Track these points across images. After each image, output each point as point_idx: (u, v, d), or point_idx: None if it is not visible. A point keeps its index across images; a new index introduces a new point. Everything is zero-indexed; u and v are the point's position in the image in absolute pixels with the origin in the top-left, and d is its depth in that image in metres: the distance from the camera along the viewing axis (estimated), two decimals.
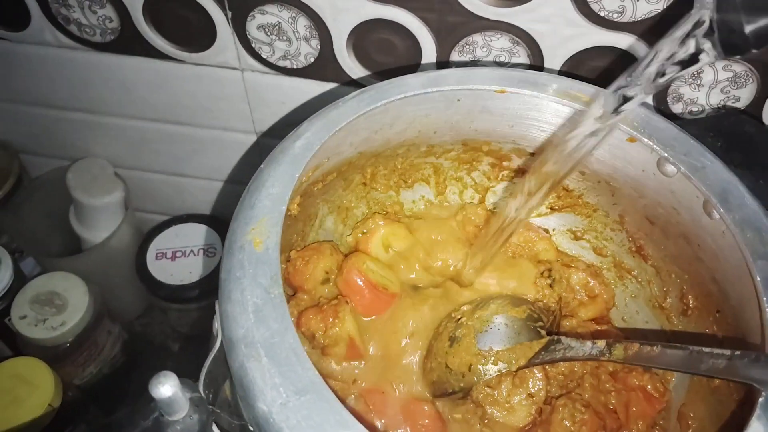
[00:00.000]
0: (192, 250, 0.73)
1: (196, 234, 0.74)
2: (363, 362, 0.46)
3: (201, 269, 0.71)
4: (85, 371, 0.68)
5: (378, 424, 0.42)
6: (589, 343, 0.41)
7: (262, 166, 0.38)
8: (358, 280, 0.47)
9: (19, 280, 0.65)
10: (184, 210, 0.75)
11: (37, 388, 0.57)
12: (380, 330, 0.48)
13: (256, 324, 0.30)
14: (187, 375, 0.32)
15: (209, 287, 0.70)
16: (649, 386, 0.47)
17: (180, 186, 0.74)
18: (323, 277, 0.48)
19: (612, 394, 0.47)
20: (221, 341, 0.31)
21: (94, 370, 0.69)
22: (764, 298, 0.34)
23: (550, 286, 0.51)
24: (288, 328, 0.30)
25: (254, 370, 0.29)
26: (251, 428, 0.29)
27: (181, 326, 0.75)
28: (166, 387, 0.26)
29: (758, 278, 0.34)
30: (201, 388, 0.30)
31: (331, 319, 0.44)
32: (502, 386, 0.44)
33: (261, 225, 0.34)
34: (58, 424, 0.57)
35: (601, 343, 0.40)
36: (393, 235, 0.52)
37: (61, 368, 0.63)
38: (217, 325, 0.32)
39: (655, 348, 0.37)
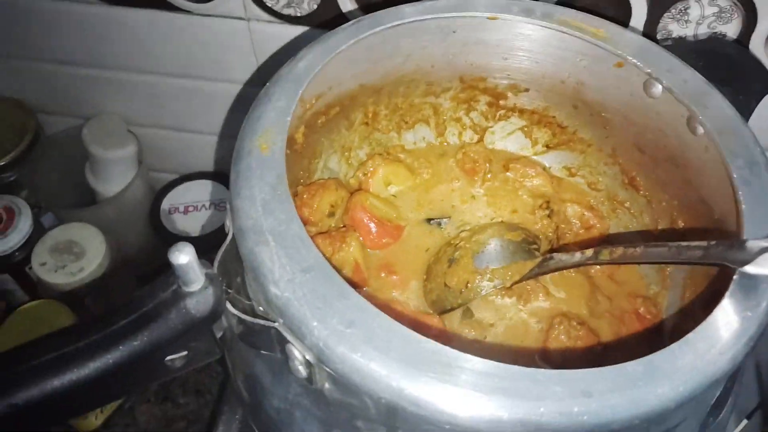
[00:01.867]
0: (204, 205, 0.75)
1: (207, 190, 0.76)
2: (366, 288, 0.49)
3: (213, 222, 0.74)
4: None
5: None
6: (578, 254, 0.43)
7: (267, 84, 0.40)
8: (364, 217, 0.50)
9: (39, 232, 0.68)
10: (194, 167, 0.77)
11: (57, 326, 0.59)
12: (390, 256, 0.50)
13: (264, 215, 0.33)
14: None
15: (221, 239, 0.72)
16: (642, 309, 0.50)
17: (190, 142, 0.76)
18: (329, 211, 0.50)
19: (606, 315, 0.49)
20: (232, 234, 0.33)
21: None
22: (740, 193, 0.36)
23: (548, 216, 0.53)
24: (293, 218, 0.33)
25: (263, 254, 0.31)
26: (261, 308, 0.32)
27: None
28: (184, 255, 0.29)
29: (735, 175, 0.36)
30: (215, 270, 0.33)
31: (338, 244, 0.47)
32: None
33: (267, 133, 0.36)
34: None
35: (589, 252, 0.42)
36: (393, 174, 0.55)
37: (79, 316, 0.65)
38: (228, 222, 0.34)
39: (637, 249, 0.39)
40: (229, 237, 0.33)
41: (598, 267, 0.51)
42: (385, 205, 0.52)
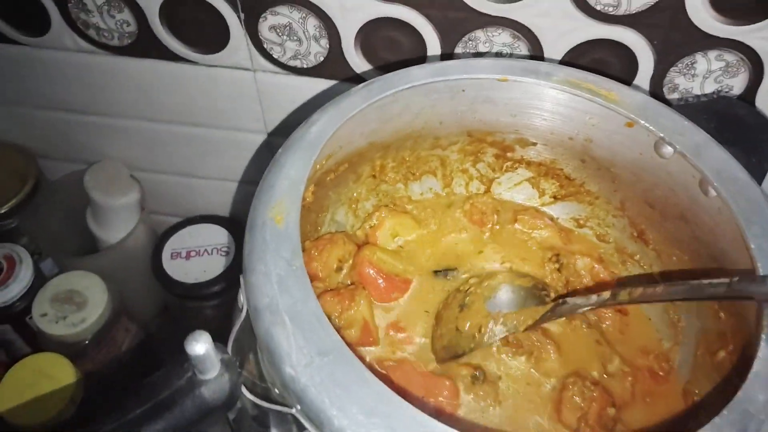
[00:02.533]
0: (206, 250, 0.74)
1: (209, 234, 0.75)
2: (375, 347, 0.48)
3: (215, 268, 0.73)
4: (103, 368, 0.69)
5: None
6: (594, 296, 0.42)
7: (280, 151, 0.40)
8: (371, 272, 0.49)
9: (39, 279, 0.67)
10: (197, 211, 0.77)
11: (58, 381, 0.58)
12: (398, 312, 0.50)
13: (280, 293, 0.32)
14: None
15: (224, 285, 0.72)
16: (655, 365, 0.49)
17: (193, 187, 0.76)
18: (337, 266, 0.50)
19: (619, 372, 0.49)
20: (246, 311, 0.33)
21: (112, 366, 0.70)
22: (758, 264, 0.35)
23: (558, 270, 0.53)
24: (310, 296, 0.32)
25: (279, 335, 0.31)
26: (277, 391, 0.31)
27: (198, 324, 0.77)
28: (201, 344, 0.28)
29: (753, 246, 0.36)
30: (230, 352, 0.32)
31: (347, 302, 0.46)
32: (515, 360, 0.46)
33: (281, 204, 0.36)
34: (79, 418, 0.58)
35: (606, 294, 0.41)
36: (400, 225, 0.54)
37: (80, 365, 0.64)
38: (242, 298, 0.34)
39: (658, 288, 0.38)
40: (243, 314, 0.33)
41: (609, 323, 0.51)
42: (392, 259, 0.52)
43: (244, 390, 0.32)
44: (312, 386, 0.29)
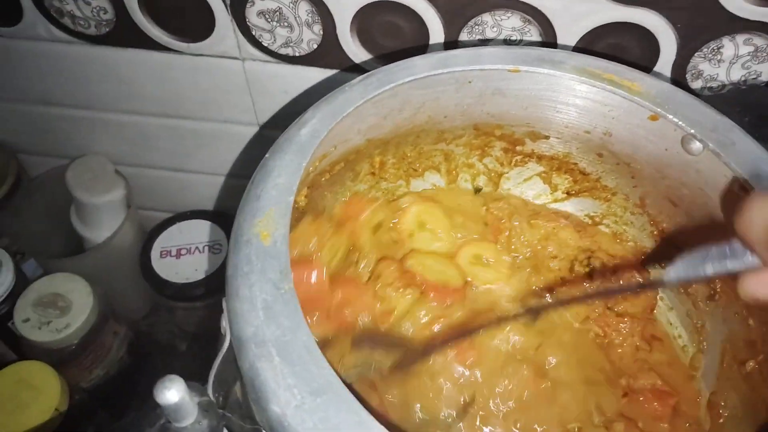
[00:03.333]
0: (197, 247, 0.71)
1: (200, 231, 0.72)
2: None
3: (207, 266, 0.69)
4: (91, 374, 0.66)
5: None
6: None
7: (267, 155, 0.36)
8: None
9: (21, 282, 0.64)
10: (187, 206, 0.73)
11: (42, 392, 0.56)
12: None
13: (266, 322, 0.28)
14: (196, 375, 0.31)
15: (216, 284, 0.68)
16: (659, 381, 0.46)
17: (182, 182, 0.72)
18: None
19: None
20: (230, 341, 0.29)
21: (101, 372, 0.67)
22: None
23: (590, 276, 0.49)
24: (300, 324, 0.28)
25: (266, 371, 0.27)
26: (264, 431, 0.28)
27: (189, 325, 0.74)
28: (173, 392, 0.24)
29: None
30: (210, 391, 0.29)
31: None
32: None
33: (268, 217, 0.32)
34: (66, 429, 0.56)
35: None
36: (427, 213, 0.51)
37: (66, 371, 0.61)
38: (225, 324, 0.30)
39: None
40: (226, 344, 0.29)
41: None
42: (439, 264, 0.49)
43: None
44: (303, 431, 0.26)
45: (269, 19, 0.52)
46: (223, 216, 0.73)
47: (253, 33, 0.53)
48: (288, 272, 0.30)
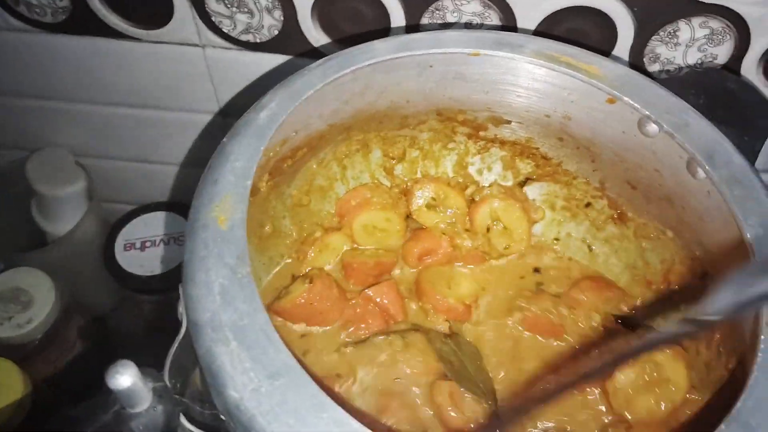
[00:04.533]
0: (162, 239, 0.70)
1: (165, 222, 0.71)
2: None
3: (172, 258, 0.69)
4: (56, 368, 0.65)
5: None
6: None
7: (224, 139, 0.35)
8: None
9: None
10: (151, 198, 0.72)
11: (5, 387, 0.55)
12: None
13: (222, 306, 0.28)
14: (161, 367, 0.30)
15: (181, 277, 0.68)
16: None
17: (146, 173, 0.71)
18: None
19: None
20: (186, 326, 0.29)
21: (65, 367, 0.66)
22: (757, 258, 0.32)
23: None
24: (258, 309, 0.28)
25: (222, 355, 0.27)
26: (223, 417, 0.28)
27: (155, 318, 0.73)
28: (125, 377, 0.24)
29: (749, 235, 0.33)
30: (166, 377, 0.28)
31: None
32: None
33: (225, 201, 0.32)
34: (30, 423, 0.55)
35: None
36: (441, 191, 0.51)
37: (30, 366, 0.60)
38: (181, 309, 0.30)
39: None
40: (183, 330, 0.29)
41: None
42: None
43: (183, 420, 0.28)
44: (260, 414, 0.26)
45: (229, 5, 0.51)
46: (188, 207, 0.71)
47: (213, 19, 0.52)
48: (245, 257, 0.30)
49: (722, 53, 0.49)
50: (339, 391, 0.39)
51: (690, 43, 0.49)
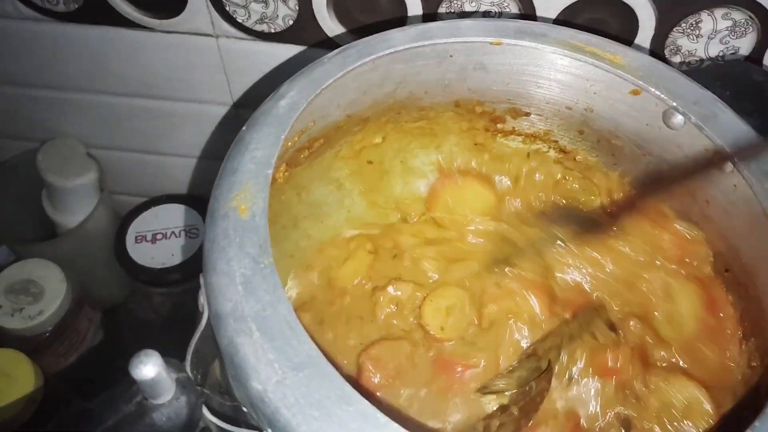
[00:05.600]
0: (173, 232, 0.70)
1: (176, 215, 0.71)
2: None
3: (184, 251, 0.68)
4: (67, 361, 0.65)
5: None
6: None
7: (243, 128, 0.35)
8: None
9: None
10: (162, 190, 0.72)
11: (16, 380, 0.54)
12: None
13: (245, 296, 0.28)
14: (174, 356, 0.30)
15: (193, 269, 0.67)
16: None
17: (157, 165, 0.71)
18: None
19: None
20: (208, 317, 0.28)
21: (76, 359, 0.66)
22: None
23: None
24: (281, 299, 0.27)
25: (245, 346, 0.26)
26: (245, 409, 0.27)
27: (166, 311, 0.73)
28: (149, 367, 0.24)
29: None
30: (188, 368, 0.28)
31: None
32: None
33: (245, 190, 0.31)
34: (41, 417, 0.54)
35: None
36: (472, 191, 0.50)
37: (41, 359, 0.60)
38: (202, 299, 0.29)
39: None
40: (204, 320, 0.28)
41: None
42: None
43: (205, 411, 0.27)
44: (284, 407, 0.25)
45: None
46: (199, 200, 0.71)
47: (227, 8, 0.52)
48: (267, 247, 0.29)
49: (744, 45, 0.49)
50: None
51: (712, 34, 0.48)
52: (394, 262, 0.48)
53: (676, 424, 0.39)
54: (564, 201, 0.48)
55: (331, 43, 0.53)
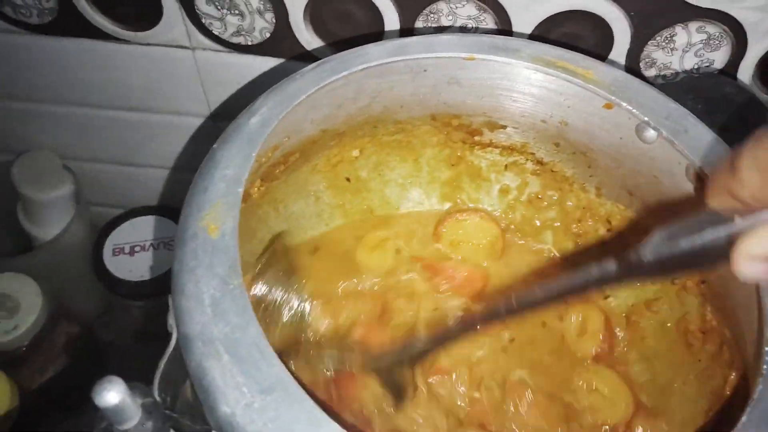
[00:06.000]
0: (152, 244, 0.69)
1: (154, 227, 0.70)
2: None
3: (162, 263, 0.68)
4: (43, 375, 0.64)
5: None
6: None
7: (214, 146, 0.35)
8: None
9: None
10: (139, 202, 0.71)
11: None
12: None
13: (213, 319, 0.27)
14: (153, 376, 0.29)
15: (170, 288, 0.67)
16: None
17: (134, 177, 0.70)
18: None
19: None
20: (176, 339, 0.28)
21: (53, 373, 0.65)
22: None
23: None
24: (250, 321, 0.27)
25: (213, 370, 0.26)
26: None
27: (145, 324, 0.72)
28: (112, 394, 0.23)
29: None
30: (156, 392, 0.27)
31: None
32: None
33: (215, 209, 0.31)
34: (17, 431, 0.54)
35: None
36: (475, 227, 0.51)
37: (17, 373, 0.59)
38: (171, 321, 0.29)
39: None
40: (173, 343, 0.28)
41: None
42: None
43: None
44: (253, 431, 0.25)
45: (219, 7, 0.50)
46: (178, 211, 0.70)
47: (203, 21, 0.51)
48: (237, 267, 0.29)
49: (719, 58, 0.49)
50: None
51: (687, 48, 0.49)
52: None
53: None
54: None
55: (308, 56, 0.53)
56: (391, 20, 0.49)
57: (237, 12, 0.50)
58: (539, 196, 0.51)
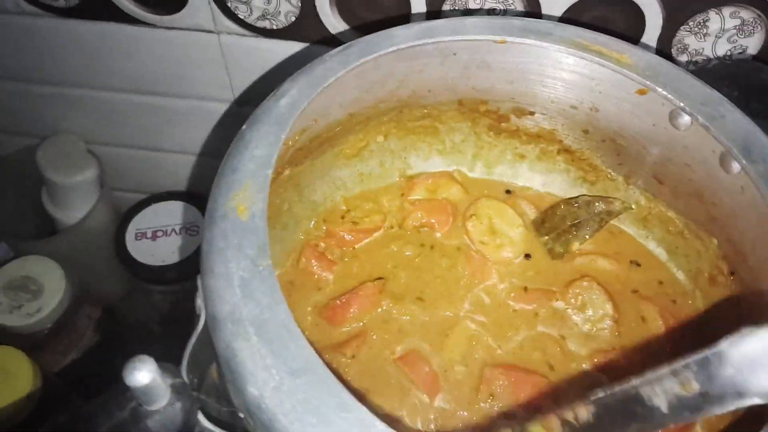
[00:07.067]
0: (174, 229, 0.69)
1: (176, 212, 0.70)
2: None
3: (183, 248, 0.68)
4: (65, 358, 0.65)
5: None
6: None
7: (244, 127, 0.34)
8: None
9: None
10: (162, 187, 0.71)
11: (14, 378, 0.54)
12: None
13: (243, 299, 0.27)
14: (173, 359, 0.29)
15: (193, 267, 0.67)
16: None
17: (158, 161, 0.70)
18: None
19: None
20: (205, 320, 0.28)
21: (75, 356, 0.66)
22: None
23: None
24: (279, 302, 0.27)
25: (242, 351, 0.26)
26: (242, 415, 0.27)
27: (166, 308, 0.72)
28: (143, 373, 0.23)
29: None
30: (184, 373, 0.27)
31: None
32: None
33: (245, 190, 0.31)
34: (39, 415, 0.54)
35: None
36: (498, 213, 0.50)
37: (40, 356, 0.60)
38: (199, 302, 0.29)
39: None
40: (201, 323, 0.28)
41: None
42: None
43: (201, 417, 0.27)
44: (282, 414, 0.24)
45: None
46: (200, 197, 0.71)
47: (229, 5, 0.51)
48: (266, 248, 0.29)
49: (752, 44, 0.48)
50: None
51: (720, 33, 0.48)
52: None
53: None
54: None
55: (333, 40, 0.52)
56: (418, 3, 0.49)
57: None
58: None
